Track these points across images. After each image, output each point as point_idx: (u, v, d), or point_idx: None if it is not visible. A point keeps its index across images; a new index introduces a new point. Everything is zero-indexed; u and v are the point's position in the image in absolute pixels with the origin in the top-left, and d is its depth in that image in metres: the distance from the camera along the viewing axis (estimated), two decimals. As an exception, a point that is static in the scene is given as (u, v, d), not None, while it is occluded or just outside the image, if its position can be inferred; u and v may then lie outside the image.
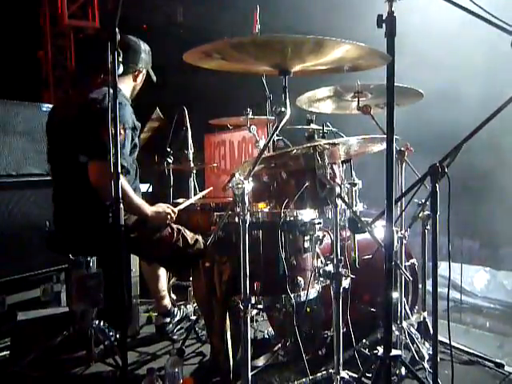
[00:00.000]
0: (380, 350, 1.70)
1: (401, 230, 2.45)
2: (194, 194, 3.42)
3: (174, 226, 2.49)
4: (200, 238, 2.49)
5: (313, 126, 2.62)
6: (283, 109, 1.67)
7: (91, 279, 2.64)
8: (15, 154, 3.28)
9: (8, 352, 2.78)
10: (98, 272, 2.67)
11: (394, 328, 2.38)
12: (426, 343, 2.50)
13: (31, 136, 3.36)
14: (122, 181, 2.18)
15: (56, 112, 2.69)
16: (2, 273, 3.13)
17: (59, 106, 2.97)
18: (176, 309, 3.08)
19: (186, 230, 2.50)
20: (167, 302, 3.05)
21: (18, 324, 3.05)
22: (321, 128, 2.35)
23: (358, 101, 2.32)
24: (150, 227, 2.44)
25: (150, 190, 3.90)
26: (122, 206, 1.69)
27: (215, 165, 4.47)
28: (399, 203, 2.24)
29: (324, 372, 2.17)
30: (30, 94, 5.13)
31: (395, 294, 2.38)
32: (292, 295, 1.99)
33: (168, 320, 3.00)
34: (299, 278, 2.04)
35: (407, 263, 2.62)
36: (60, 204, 2.54)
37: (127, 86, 2.59)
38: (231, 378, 2.19)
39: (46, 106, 3.60)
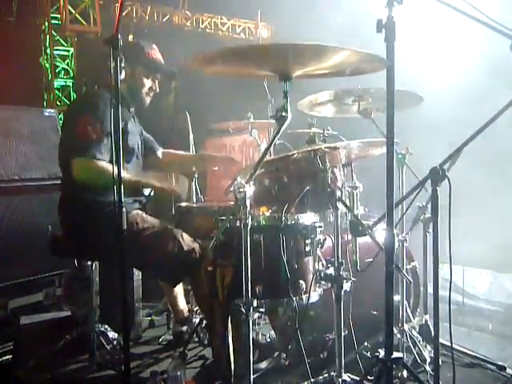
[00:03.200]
0: (382, 352, 1.70)
1: (402, 232, 2.46)
2: (196, 198, 3.43)
3: (171, 230, 2.45)
4: (197, 246, 2.44)
5: (314, 129, 2.63)
6: (284, 113, 1.68)
7: (80, 281, 2.65)
8: (18, 159, 3.30)
9: (11, 356, 2.79)
10: (88, 274, 2.67)
11: (395, 331, 2.38)
12: (428, 346, 2.50)
13: (34, 141, 3.38)
14: (103, 164, 2.30)
15: None
16: (5, 277, 3.15)
17: None
18: (193, 315, 2.94)
19: (184, 236, 2.44)
20: (183, 307, 2.92)
21: (21, 328, 3.05)
22: (322, 132, 2.36)
23: (359, 105, 2.34)
24: (143, 232, 2.43)
25: (152, 193, 3.90)
26: (124, 209, 1.70)
27: (216, 168, 4.48)
28: (400, 206, 2.25)
29: (326, 375, 2.17)
30: (32, 100, 5.18)
31: (397, 297, 2.38)
32: (294, 298, 2.00)
33: (185, 328, 2.87)
34: (301, 282, 2.05)
35: (408, 266, 2.62)
36: (64, 208, 2.55)
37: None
38: (233, 382, 2.19)
39: (48, 111, 3.63)
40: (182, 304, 2.93)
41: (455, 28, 2.94)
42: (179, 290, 2.91)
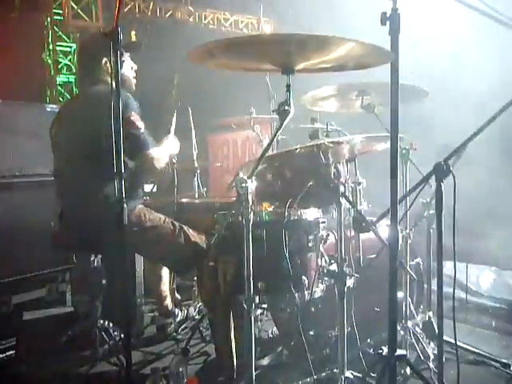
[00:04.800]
0: (385, 349, 1.69)
1: (405, 229, 2.44)
2: (198, 194, 3.42)
3: (176, 223, 2.49)
4: (203, 237, 2.48)
5: (317, 124, 2.61)
6: (287, 107, 1.66)
7: (91, 273, 2.67)
8: (20, 154, 3.30)
9: (14, 351, 2.79)
10: (98, 267, 2.69)
11: (398, 327, 2.37)
12: (431, 343, 2.49)
13: (36, 136, 3.37)
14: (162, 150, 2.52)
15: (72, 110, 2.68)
16: (8, 272, 3.15)
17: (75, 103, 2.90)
18: (177, 309, 3.07)
19: (190, 229, 2.49)
20: (169, 302, 3.04)
21: (24, 323, 3.06)
22: (325, 127, 2.34)
23: (362, 99, 2.32)
24: (150, 225, 2.44)
25: (155, 189, 3.91)
26: (125, 205, 1.69)
27: (219, 164, 4.47)
28: (404, 202, 2.23)
29: (328, 372, 2.16)
30: (35, 95, 5.18)
31: (400, 294, 2.37)
32: (296, 294, 1.99)
33: (169, 321, 3.00)
34: (303, 278, 2.04)
35: (412, 262, 2.61)
36: (66, 201, 2.55)
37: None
38: (235, 378, 2.18)
39: (51, 107, 3.62)
40: (168, 299, 3.04)
41: (460, 18, 2.90)
42: (166, 285, 3.02)
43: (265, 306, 2.09)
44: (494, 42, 3.23)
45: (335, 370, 2.08)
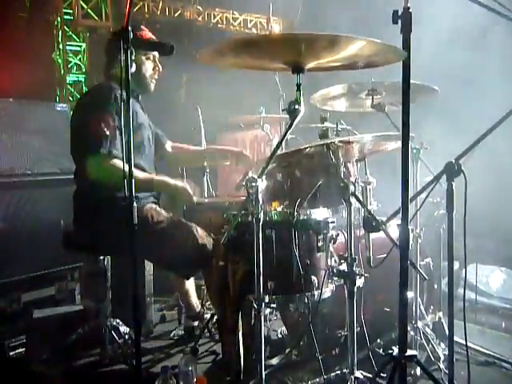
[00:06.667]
0: (395, 350, 1.68)
1: (416, 228, 2.43)
2: (208, 193, 3.42)
3: (185, 222, 2.46)
4: (211, 239, 2.44)
5: (326, 124, 2.60)
6: (297, 106, 1.66)
7: (97, 276, 2.67)
8: (30, 153, 3.31)
9: (23, 349, 2.81)
10: (105, 268, 2.69)
11: (409, 328, 2.35)
12: (442, 343, 2.47)
13: (45, 135, 3.39)
14: (115, 162, 2.30)
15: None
16: (18, 271, 3.17)
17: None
18: (205, 310, 2.97)
19: (198, 229, 2.45)
20: (195, 302, 2.94)
21: (33, 321, 3.08)
22: (335, 126, 2.33)
23: (373, 99, 2.30)
24: (158, 225, 2.42)
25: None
26: (135, 204, 1.69)
27: (227, 163, 4.46)
28: (414, 202, 2.21)
29: (338, 372, 2.15)
30: (45, 95, 5.21)
31: (410, 294, 2.35)
32: (306, 294, 1.98)
33: (196, 324, 2.91)
34: (313, 277, 2.03)
35: (422, 262, 2.59)
36: (78, 202, 2.56)
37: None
38: (242, 378, 2.18)
39: (60, 106, 3.64)
40: (194, 299, 2.94)
41: (469, 16, 2.87)
42: (190, 285, 2.92)
43: (274, 305, 2.08)
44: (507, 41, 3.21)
45: (345, 370, 2.07)
